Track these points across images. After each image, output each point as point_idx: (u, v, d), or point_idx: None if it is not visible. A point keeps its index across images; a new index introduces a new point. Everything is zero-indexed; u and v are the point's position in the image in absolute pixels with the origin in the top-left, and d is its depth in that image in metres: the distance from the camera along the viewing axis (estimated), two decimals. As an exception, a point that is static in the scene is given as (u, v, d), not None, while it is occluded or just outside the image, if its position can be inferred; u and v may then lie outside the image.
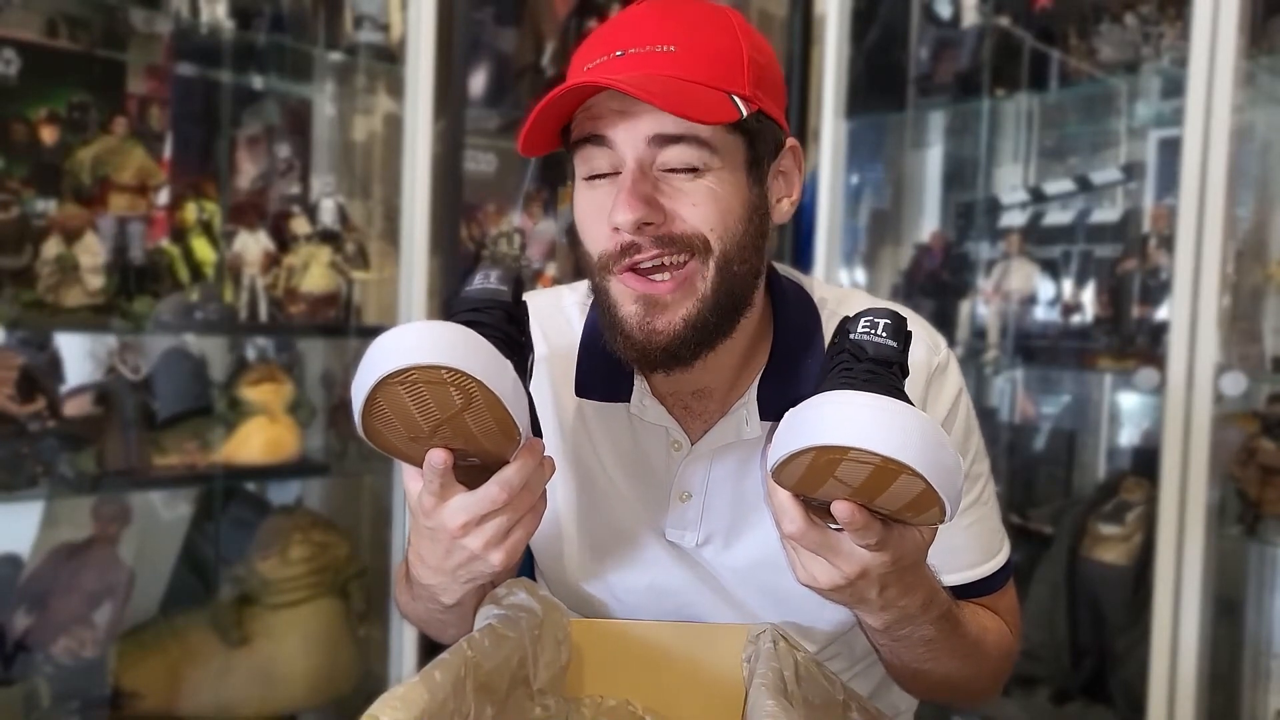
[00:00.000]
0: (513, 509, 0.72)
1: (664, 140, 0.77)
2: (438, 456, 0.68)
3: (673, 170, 0.78)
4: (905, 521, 0.68)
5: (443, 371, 0.63)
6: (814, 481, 0.66)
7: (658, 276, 0.79)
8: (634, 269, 0.79)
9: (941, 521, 0.66)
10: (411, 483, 0.73)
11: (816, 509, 0.68)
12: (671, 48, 0.78)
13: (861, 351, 0.68)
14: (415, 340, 0.64)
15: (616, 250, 0.79)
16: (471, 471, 0.71)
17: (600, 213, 0.80)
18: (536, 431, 0.74)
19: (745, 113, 0.78)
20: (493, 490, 0.70)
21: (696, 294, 0.79)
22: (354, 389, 0.66)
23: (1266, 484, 1.67)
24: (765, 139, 0.83)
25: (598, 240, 0.81)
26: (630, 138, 0.78)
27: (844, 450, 0.62)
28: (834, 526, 0.68)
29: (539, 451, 0.72)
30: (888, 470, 0.62)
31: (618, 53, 0.78)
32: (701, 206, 0.78)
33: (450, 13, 1.91)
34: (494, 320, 0.70)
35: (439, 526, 0.72)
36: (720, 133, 0.78)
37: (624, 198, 0.77)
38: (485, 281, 0.73)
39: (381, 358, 0.64)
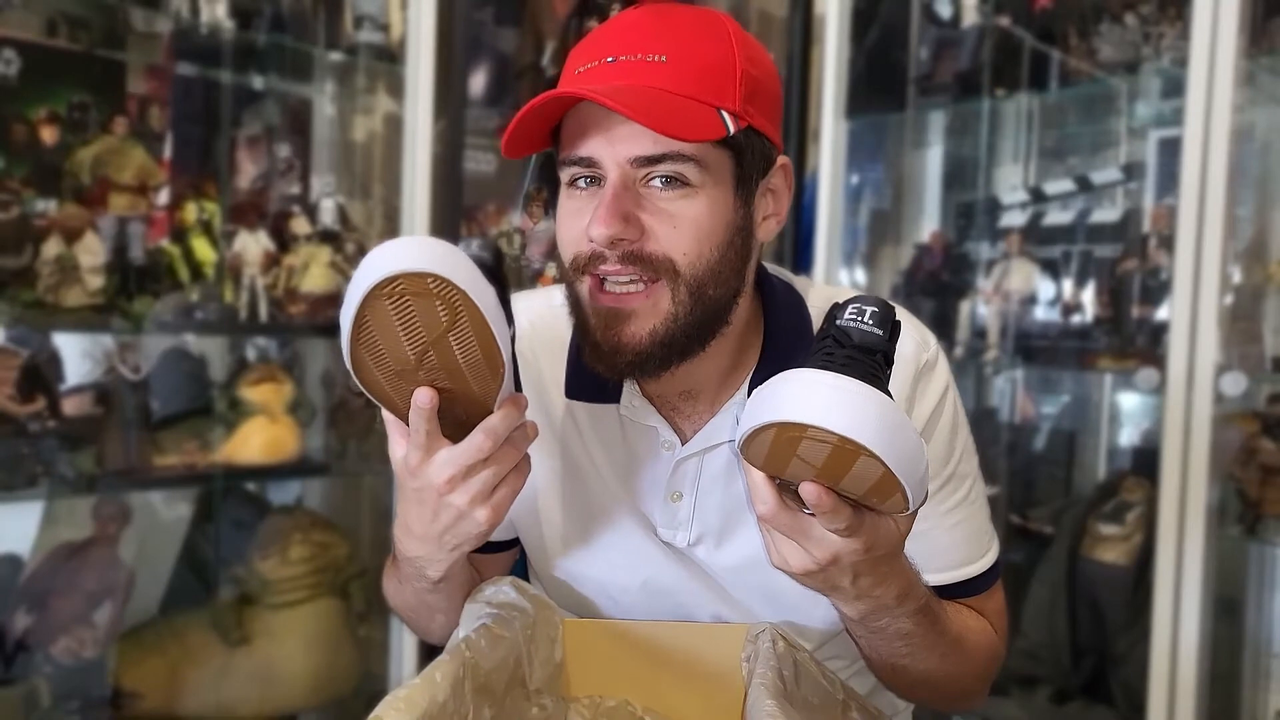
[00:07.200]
0: (498, 462, 0.72)
1: (646, 161, 0.77)
2: (423, 396, 0.68)
3: (659, 185, 0.78)
4: (874, 509, 0.68)
5: (428, 279, 0.64)
6: (779, 460, 0.66)
7: (621, 289, 0.78)
8: (596, 278, 0.79)
9: (906, 509, 0.66)
10: (397, 446, 0.73)
11: (791, 493, 0.68)
12: (662, 58, 0.77)
13: (846, 338, 0.68)
14: (400, 251, 0.64)
15: (586, 256, 0.79)
16: (456, 430, 0.72)
17: (577, 218, 0.80)
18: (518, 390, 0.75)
19: (733, 129, 0.77)
20: (478, 439, 0.71)
21: (663, 312, 0.79)
22: (342, 315, 0.67)
23: (1266, 484, 1.67)
24: (755, 155, 0.81)
25: (570, 244, 0.81)
26: (612, 155, 0.77)
27: (802, 428, 0.62)
28: (807, 511, 0.68)
29: (523, 406, 0.73)
30: (846, 450, 0.62)
31: (609, 59, 0.78)
32: (680, 229, 0.78)
33: (450, 13, 1.91)
34: None
35: (425, 484, 0.73)
36: (706, 148, 0.77)
37: (602, 212, 0.76)
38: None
39: (367, 271, 0.65)
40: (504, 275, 0.74)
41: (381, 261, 0.64)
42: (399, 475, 0.75)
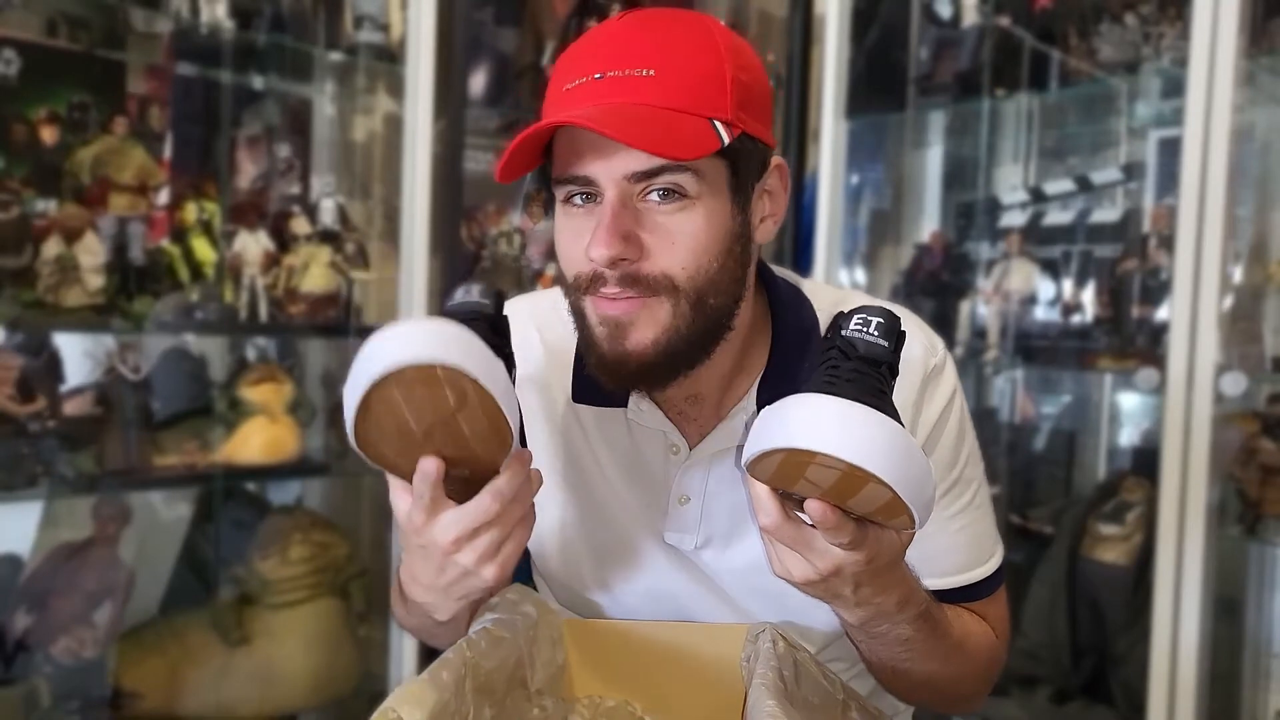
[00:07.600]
0: (503, 521, 0.71)
1: (642, 175, 0.76)
2: (429, 465, 0.67)
3: (657, 199, 0.77)
4: (878, 524, 0.68)
5: (438, 370, 0.63)
6: (786, 480, 0.66)
7: (622, 297, 0.78)
8: (597, 298, 0.79)
9: (911, 528, 0.67)
10: (400, 500, 0.72)
11: (794, 502, 0.69)
12: (651, 72, 0.76)
13: (851, 349, 0.68)
14: (407, 339, 0.63)
15: (587, 277, 0.79)
16: (460, 485, 0.71)
17: (577, 236, 0.79)
18: (523, 443, 0.75)
19: (727, 139, 0.76)
20: (485, 501, 0.70)
21: (663, 322, 0.78)
22: (346, 395, 0.66)
23: (1266, 484, 1.67)
24: (750, 161, 0.81)
25: (573, 263, 0.80)
26: (609, 174, 0.77)
27: (811, 455, 0.63)
28: (810, 522, 0.68)
29: (528, 461, 0.72)
30: (854, 477, 0.63)
31: (596, 75, 0.77)
32: (678, 244, 0.77)
33: (450, 13, 1.91)
34: (480, 331, 0.70)
35: (430, 543, 0.71)
36: (702, 159, 0.77)
37: (602, 233, 0.76)
38: (467, 296, 0.74)
39: (373, 360, 0.63)
40: (504, 323, 0.75)
41: (387, 351, 0.63)
42: (402, 529, 0.74)
